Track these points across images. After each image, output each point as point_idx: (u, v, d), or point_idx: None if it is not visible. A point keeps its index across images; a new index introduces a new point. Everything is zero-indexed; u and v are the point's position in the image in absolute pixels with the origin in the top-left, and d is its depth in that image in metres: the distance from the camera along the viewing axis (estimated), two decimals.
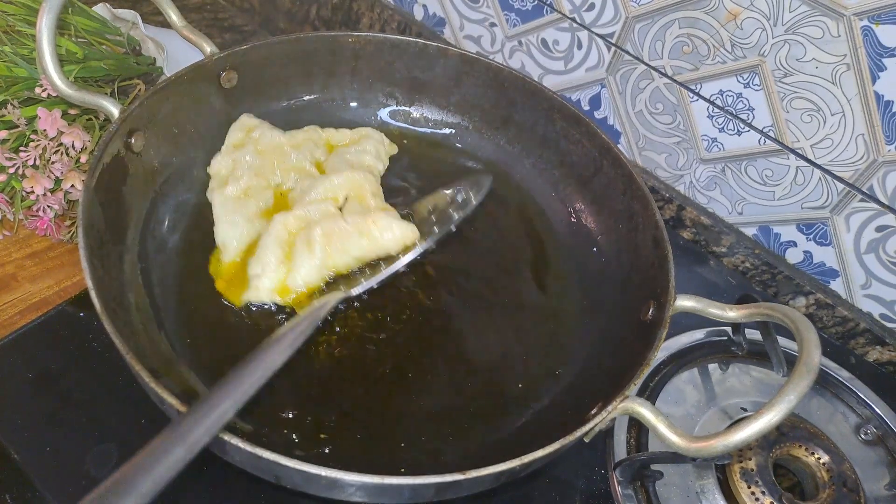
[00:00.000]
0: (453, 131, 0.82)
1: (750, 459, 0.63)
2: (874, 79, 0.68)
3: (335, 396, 0.59)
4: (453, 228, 0.72)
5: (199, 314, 0.62)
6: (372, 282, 0.65)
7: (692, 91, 0.80)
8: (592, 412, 0.53)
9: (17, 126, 0.67)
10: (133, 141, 0.62)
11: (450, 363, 0.63)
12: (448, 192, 0.75)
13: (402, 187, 0.77)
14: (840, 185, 0.75)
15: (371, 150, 0.74)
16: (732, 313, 0.56)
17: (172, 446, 0.39)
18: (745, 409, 0.69)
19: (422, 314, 0.66)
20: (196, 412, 0.42)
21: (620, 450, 0.64)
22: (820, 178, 0.76)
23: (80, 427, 0.58)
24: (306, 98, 0.79)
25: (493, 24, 0.93)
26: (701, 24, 0.76)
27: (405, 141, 0.81)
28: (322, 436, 0.56)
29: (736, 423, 0.48)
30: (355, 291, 0.64)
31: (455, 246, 0.73)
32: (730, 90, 0.78)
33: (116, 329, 0.47)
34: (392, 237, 0.66)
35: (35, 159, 0.66)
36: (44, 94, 0.67)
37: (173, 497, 0.55)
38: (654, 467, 0.62)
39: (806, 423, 0.67)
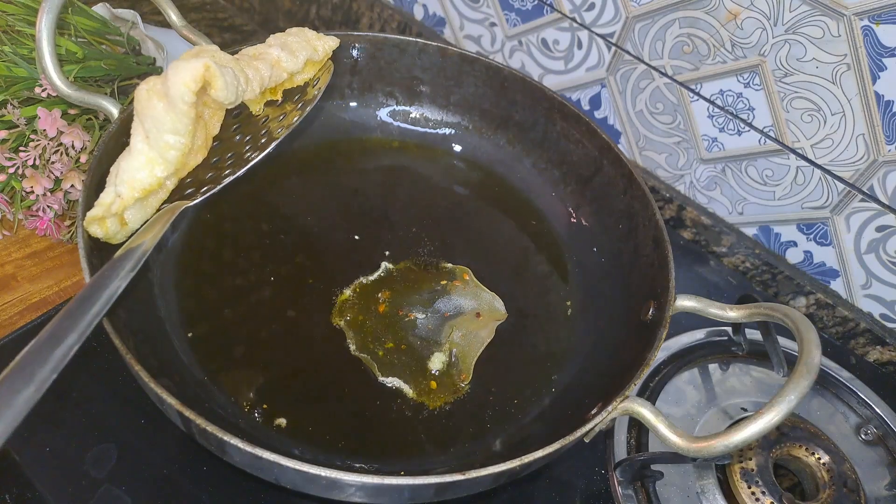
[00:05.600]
0: (453, 131, 0.82)
1: (750, 459, 0.63)
2: (874, 79, 0.68)
3: (336, 400, 0.59)
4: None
5: (199, 312, 0.62)
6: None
7: (692, 91, 0.80)
8: (592, 412, 0.53)
9: (17, 126, 0.67)
10: None
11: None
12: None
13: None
14: (840, 185, 0.75)
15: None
16: (733, 313, 0.56)
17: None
18: (745, 410, 0.69)
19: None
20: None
21: (620, 450, 0.64)
22: (820, 178, 0.76)
23: (79, 427, 0.58)
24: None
25: (493, 24, 0.93)
26: (701, 23, 0.76)
27: (405, 140, 0.81)
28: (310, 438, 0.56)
29: (736, 424, 0.48)
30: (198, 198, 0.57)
31: (454, 246, 0.73)
32: (730, 90, 0.78)
33: (116, 329, 0.47)
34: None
35: (35, 159, 0.66)
36: (43, 94, 0.67)
37: (173, 497, 0.56)
38: (655, 467, 0.62)
39: (806, 423, 0.67)
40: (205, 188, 0.58)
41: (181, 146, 0.54)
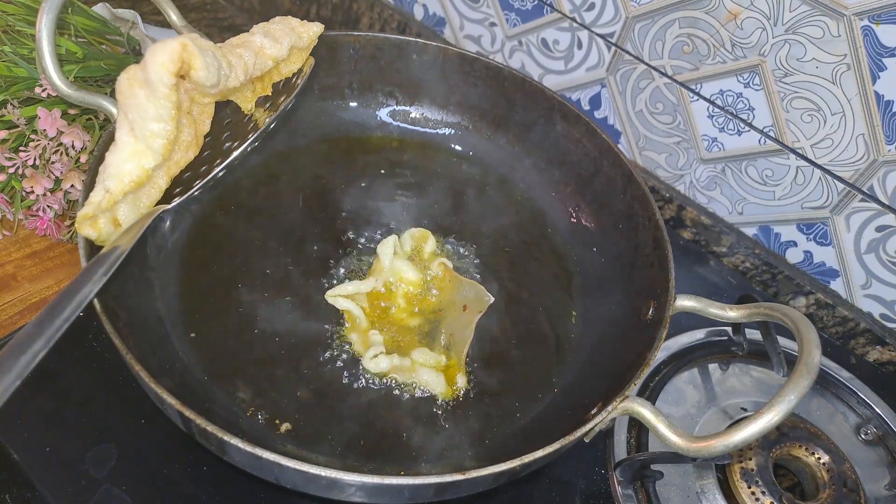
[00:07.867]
0: (453, 131, 0.82)
1: (750, 459, 0.63)
2: (874, 79, 0.68)
3: (335, 400, 0.59)
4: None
5: (199, 313, 0.62)
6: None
7: (692, 91, 0.80)
8: (592, 412, 0.53)
9: (17, 126, 0.67)
10: None
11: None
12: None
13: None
14: (840, 185, 0.75)
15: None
16: (732, 313, 0.56)
17: None
18: (745, 409, 0.69)
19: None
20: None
21: (620, 450, 0.64)
22: (820, 178, 0.76)
23: (79, 427, 0.58)
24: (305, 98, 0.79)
25: (493, 24, 0.93)
26: (701, 23, 0.76)
27: (405, 140, 0.81)
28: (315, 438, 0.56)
29: (736, 423, 0.48)
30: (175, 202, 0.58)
31: (454, 246, 0.73)
32: (730, 90, 0.78)
33: (116, 329, 0.47)
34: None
35: (35, 159, 0.66)
36: (44, 94, 0.67)
37: (173, 497, 0.56)
38: (655, 467, 0.62)
39: (806, 423, 0.67)
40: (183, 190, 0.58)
41: (166, 133, 0.54)
